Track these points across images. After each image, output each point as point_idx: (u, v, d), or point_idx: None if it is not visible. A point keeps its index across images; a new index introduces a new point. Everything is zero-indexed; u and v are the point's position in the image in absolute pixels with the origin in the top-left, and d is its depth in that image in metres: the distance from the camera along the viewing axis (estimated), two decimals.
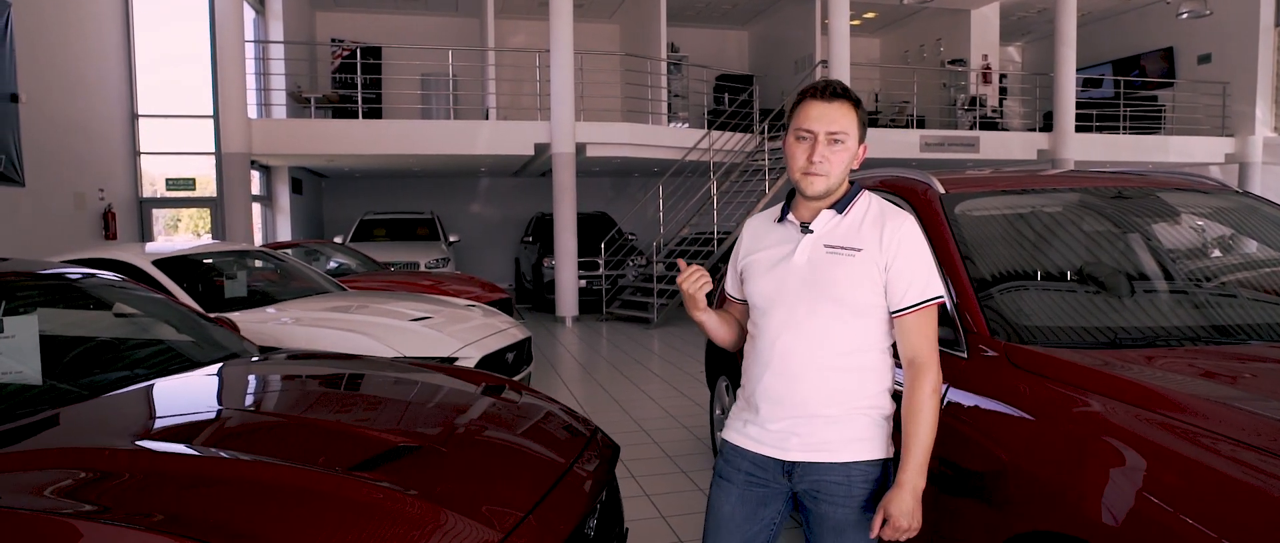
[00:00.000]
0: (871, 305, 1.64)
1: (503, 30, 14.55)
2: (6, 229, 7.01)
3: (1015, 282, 2.27)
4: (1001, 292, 2.17)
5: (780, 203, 1.77)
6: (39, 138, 7.52)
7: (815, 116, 1.62)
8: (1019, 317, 2.07)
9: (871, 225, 1.66)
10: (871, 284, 1.63)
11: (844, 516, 1.64)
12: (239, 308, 4.77)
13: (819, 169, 1.62)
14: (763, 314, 1.72)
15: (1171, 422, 1.49)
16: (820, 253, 1.66)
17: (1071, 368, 1.79)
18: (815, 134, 1.62)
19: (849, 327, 1.64)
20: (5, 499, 1.56)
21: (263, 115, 11.24)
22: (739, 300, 1.85)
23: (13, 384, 2.37)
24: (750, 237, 1.82)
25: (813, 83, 1.67)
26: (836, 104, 1.62)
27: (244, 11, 9.92)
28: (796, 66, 14.68)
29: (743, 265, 1.80)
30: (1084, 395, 1.68)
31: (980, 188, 2.62)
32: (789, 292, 1.67)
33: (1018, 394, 1.82)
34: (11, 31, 7.20)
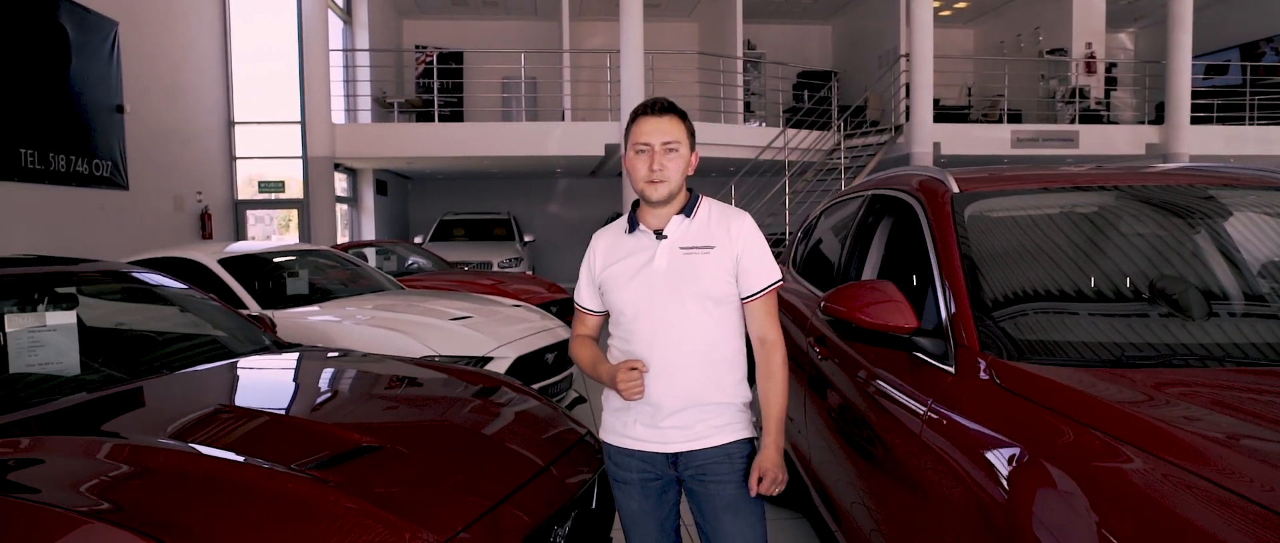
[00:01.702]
0: (729, 295, 1.84)
1: (581, 32, 14.70)
2: (112, 230, 7.58)
3: (1029, 291, 2.06)
4: (1009, 301, 1.98)
5: (624, 217, 1.91)
6: (142, 145, 8.10)
7: (649, 131, 1.79)
8: (1022, 330, 1.87)
9: (717, 224, 1.86)
10: (727, 276, 1.82)
11: (734, 492, 1.82)
12: (296, 305, 4.97)
13: (660, 176, 1.78)
14: (633, 320, 1.83)
15: (1160, 465, 1.28)
16: (678, 255, 1.82)
17: (1061, 392, 1.59)
18: (652, 146, 1.79)
19: (712, 317, 1.82)
20: None
21: (350, 120, 11.75)
22: (595, 312, 1.98)
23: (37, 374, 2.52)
24: (603, 251, 1.92)
25: (643, 103, 1.84)
26: (666, 118, 1.80)
27: (329, 22, 10.40)
28: (880, 61, 14.15)
29: (601, 279, 1.90)
30: (1072, 425, 1.48)
31: (1001, 186, 2.40)
32: (656, 294, 1.81)
33: (1003, 418, 1.64)
34: (118, 47, 7.79)
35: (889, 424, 2.04)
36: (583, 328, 2.01)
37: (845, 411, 2.44)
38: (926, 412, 1.85)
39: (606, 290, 1.89)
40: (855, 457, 2.31)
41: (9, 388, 2.40)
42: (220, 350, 3.06)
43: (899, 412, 2.00)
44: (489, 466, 2.08)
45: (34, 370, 2.57)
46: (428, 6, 14.82)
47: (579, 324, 2.01)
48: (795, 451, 3.14)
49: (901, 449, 1.92)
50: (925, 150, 11.37)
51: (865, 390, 2.27)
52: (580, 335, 2.00)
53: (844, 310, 2.07)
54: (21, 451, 1.95)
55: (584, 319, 2.00)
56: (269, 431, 2.11)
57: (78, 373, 2.61)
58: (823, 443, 2.68)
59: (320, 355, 3.01)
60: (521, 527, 1.89)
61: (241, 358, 2.89)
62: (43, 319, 2.69)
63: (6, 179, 6.33)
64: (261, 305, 4.83)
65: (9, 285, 2.84)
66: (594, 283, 1.93)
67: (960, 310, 1.93)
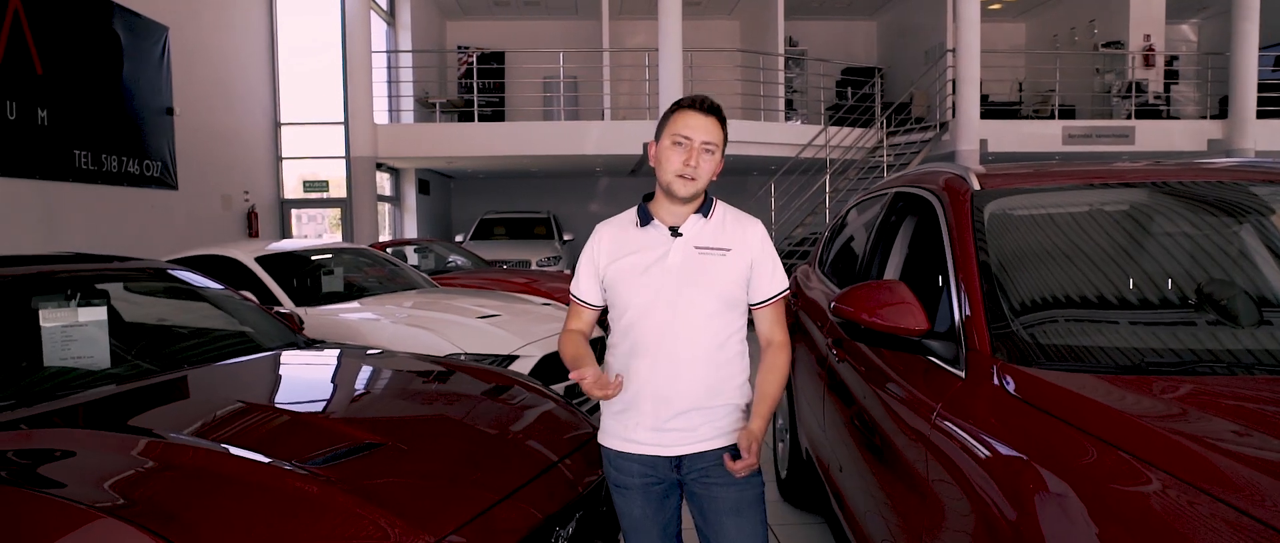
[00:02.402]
0: (738, 299, 1.82)
1: (622, 31, 14.70)
2: (162, 228, 7.83)
3: (1052, 294, 1.96)
4: (1029, 305, 1.89)
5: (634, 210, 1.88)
6: (191, 145, 8.35)
7: (692, 125, 1.76)
8: (1042, 335, 1.78)
9: (732, 228, 1.84)
10: (741, 280, 1.81)
11: (738, 494, 1.80)
12: (330, 302, 5.05)
13: (692, 173, 1.75)
14: (641, 316, 1.79)
15: (1186, 491, 1.17)
16: (692, 254, 1.80)
17: (1075, 402, 1.50)
18: (692, 141, 1.75)
19: (721, 319, 1.80)
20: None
21: (393, 121, 11.95)
22: (594, 306, 1.92)
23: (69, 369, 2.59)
24: (610, 243, 1.86)
25: (689, 97, 1.80)
26: (711, 118, 1.78)
27: (372, 25, 10.58)
28: (927, 56, 13.83)
29: (607, 272, 1.85)
30: (1087, 439, 1.38)
31: (1025, 183, 2.30)
32: (668, 292, 1.77)
33: (1011, 427, 1.55)
34: (169, 52, 8.05)
35: (898, 429, 1.97)
36: (576, 322, 1.94)
37: (860, 414, 2.36)
38: (934, 418, 1.77)
39: (613, 285, 1.84)
40: (868, 462, 2.24)
41: (35, 381, 2.46)
42: (245, 346, 3.12)
43: (908, 416, 1.92)
44: (491, 464, 2.07)
45: (67, 364, 2.65)
46: (470, 8, 14.98)
47: (573, 318, 1.95)
48: (815, 454, 3.07)
49: (910, 456, 1.84)
50: (971, 147, 11.07)
51: (877, 394, 2.19)
52: (572, 329, 1.93)
53: (852, 311, 2.00)
54: (29, 442, 2.00)
55: (579, 313, 1.94)
56: (275, 426, 2.14)
57: (108, 367, 2.68)
58: (839, 446, 2.61)
59: (338, 353, 3.04)
60: (519, 526, 1.87)
61: (263, 354, 2.94)
62: (76, 315, 2.77)
63: (62, 179, 6.59)
64: (296, 302, 4.93)
65: (47, 282, 2.94)
66: (597, 275, 1.88)
67: (974, 313, 1.85)
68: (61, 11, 6.62)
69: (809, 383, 3.17)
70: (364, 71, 9.93)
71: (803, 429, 3.38)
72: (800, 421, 3.43)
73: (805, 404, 3.28)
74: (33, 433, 2.04)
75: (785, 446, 3.84)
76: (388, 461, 1.95)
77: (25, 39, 6.24)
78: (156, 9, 7.85)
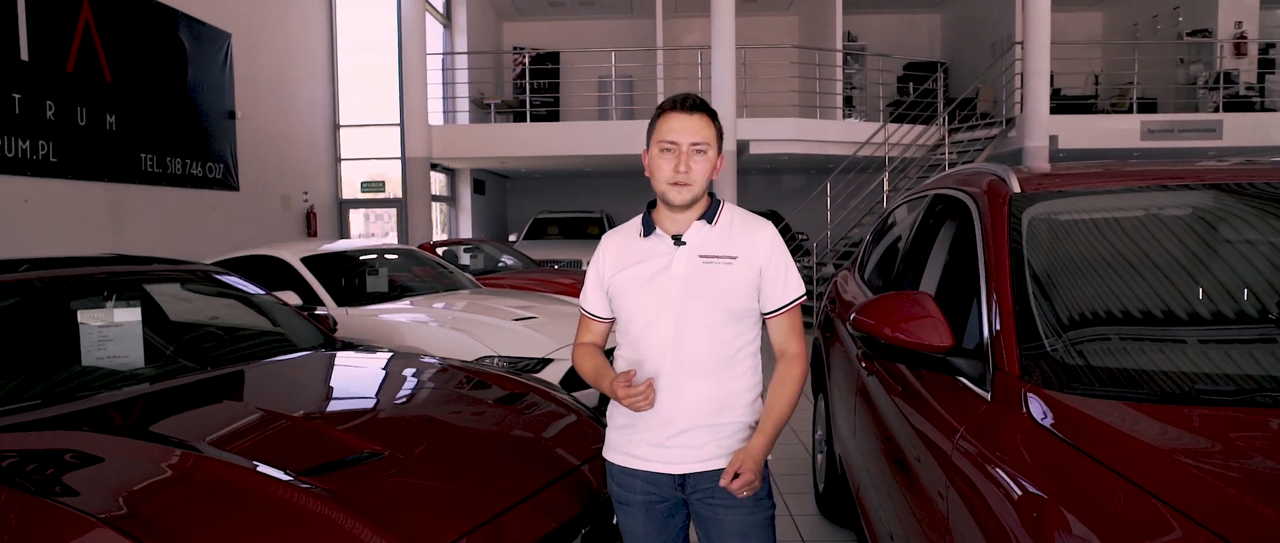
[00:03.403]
0: (748, 309, 1.72)
1: (677, 29, 14.59)
2: (223, 228, 8.09)
3: (1097, 309, 1.78)
4: (1069, 321, 1.72)
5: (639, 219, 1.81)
6: (252, 148, 8.62)
7: (677, 128, 1.67)
8: (1080, 355, 1.61)
9: (739, 234, 1.73)
10: (749, 289, 1.71)
11: (745, 517, 1.71)
12: (371, 302, 5.10)
13: (685, 178, 1.66)
14: (643, 330, 1.72)
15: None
16: (697, 263, 1.70)
17: (1107, 435, 1.34)
18: (679, 145, 1.67)
19: (729, 331, 1.71)
20: None
21: (449, 122, 12.11)
22: (603, 318, 1.86)
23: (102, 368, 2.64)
24: (614, 254, 1.80)
25: (672, 97, 1.72)
26: (696, 116, 1.68)
27: (428, 28, 10.74)
28: (993, 49, 13.28)
29: (611, 284, 1.78)
30: (1114, 480, 1.22)
31: (1071, 185, 2.11)
32: (671, 304, 1.69)
33: (1034, 459, 1.40)
34: (231, 57, 8.32)
35: (920, 450, 1.83)
36: (587, 335, 1.88)
37: (885, 430, 2.22)
38: (957, 441, 1.63)
39: (617, 297, 1.77)
40: (890, 482, 2.09)
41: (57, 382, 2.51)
42: (274, 348, 3.14)
43: (931, 437, 1.78)
44: (491, 477, 2.00)
45: (102, 364, 2.70)
46: (526, 9, 15.09)
47: (584, 331, 1.89)
48: (848, 470, 2.92)
49: (929, 480, 1.70)
50: (1040, 144, 10.57)
51: (902, 410, 2.05)
52: (584, 343, 1.88)
53: (873, 324, 1.86)
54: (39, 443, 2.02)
55: (589, 326, 1.88)
56: (279, 433, 2.12)
57: (138, 367, 2.73)
58: (865, 462, 2.47)
59: (360, 356, 3.03)
60: (531, 536, 1.82)
61: (288, 356, 2.96)
62: (112, 316, 2.82)
63: (129, 182, 6.87)
64: (339, 302, 4.99)
65: (88, 284, 3.02)
66: (603, 288, 1.82)
67: (1004, 329, 1.69)
68: (129, 21, 6.89)
69: (842, 395, 3.02)
70: (419, 74, 10.09)
71: (837, 442, 3.23)
72: (836, 433, 3.28)
73: (840, 416, 3.13)
74: (41, 434, 2.07)
75: (823, 458, 3.69)
76: (385, 471, 1.91)
77: (95, 48, 6.51)
78: (220, 16, 8.11)
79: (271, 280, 5.07)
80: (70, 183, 6.25)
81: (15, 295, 2.87)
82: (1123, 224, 2.01)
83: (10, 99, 5.71)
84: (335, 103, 10.71)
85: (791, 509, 3.73)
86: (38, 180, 5.95)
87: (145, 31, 7.09)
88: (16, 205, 5.79)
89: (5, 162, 5.68)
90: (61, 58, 6.17)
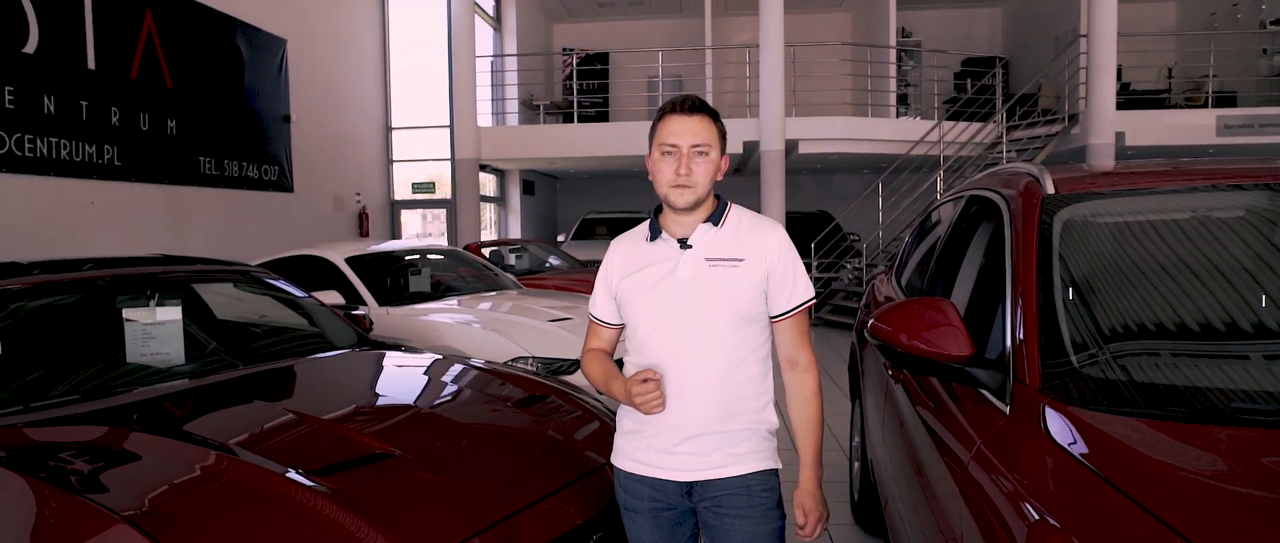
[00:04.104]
0: (757, 313, 1.69)
1: (727, 28, 14.48)
2: (278, 228, 8.34)
3: (1131, 319, 1.67)
4: (1098, 332, 1.61)
5: (646, 223, 1.78)
6: (306, 150, 8.86)
7: (677, 131, 1.65)
8: (1103, 369, 1.51)
9: (747, 235, 1.70)
10: (756, 292, 1.68)
11: (752, 527, 1.67)
12: (413, 302, 5.18)
13: (686, 181, 1.64)
14: (650, 335, 1.70)
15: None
16: (703, 267, 1.68)
17: (1124, 456, 1.24)
18: (680, 147, 1.64)
19: (738, 335, 1.67)
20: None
21: (498, 123, 12.26)
22: (611, 324, 1.83)
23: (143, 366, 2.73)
24: (622, 259, 1.78)
25: (672, 99, 1.70)
26: (696, 117, 1.66)
27: (476, 31, 10.88)
28: (1057, 43, 12.80)
29: (618, 289, 1.76)
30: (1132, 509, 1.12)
31: (1111, 186, 1.99)
32: (677, 308, 1.67)
33: (1048, 480, 1.31)
34: (287, 63, 8.57)
35: (938, 461, 1.75)
36: (596, 341, 1.87)
37: (909, 441, 2.13)
38: (972, 456, 1.54)
39: (624, 302, 1.75)
40: (914, 496, 2.01)
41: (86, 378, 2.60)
42: (309, 346, 3.21)
43: (950, 448, 1.70)
44: (501, 480, 2.00)
45: (145, 361, 2.79)
46: (576, 10, 15.17)
47: (592, 337, 1.88)
48: (877, 479, 2.82)
49: (946, 496, 1.62)
50: (1105, 141, 10.13)
51: (923, 418, 1.97)
52: (592, 349, 1.86)
53: (890, 331, 1.78)
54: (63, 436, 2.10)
55: (598, 332, 1.86)
56: (293, 431, 2.15)
57: (180, 364, 2.81)
58: (894, 474, 2.38)
59: (388, 356, 3.06)
60: None
61: (318, 356, 3.01)
62: (155, 315, 2.92)
63: (188, 184, 7.13)
64: (382, 301, 5.08)
65: (135, 283, 3.12)
66: (610, 293, 1.80)
67: (1027, 339, 1.60)
68: (190, 30, 7.16)
69: (874, 401, 2.93)
70: (468, 77, 10.22)
71: (870, 449, 3.13)
72: (868, 440, 3.18)
73: (872, 423, 3.03)
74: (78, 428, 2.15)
75: (859, 466, 3.59)
76: (392, 472, 1.92)
77: (157, 57, 6.78)
78: (276, 24, 8.36)
79: (318, 280, 5.20)
80: (133, 186, 6.52)
81: (77, 292, 2.99)
82: (1166, 228, 1.88)
83: (78, 106, 5.98)
84: (388, 105, 10.94)
85: None
86: (103, 183, 6.22)
87: (204, 40, 7.36)
88: (83, 207, 6.06)
89: (73, 166, 5.95)
90: (125, 66, 6.44)
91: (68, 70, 5.89)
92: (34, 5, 5.62)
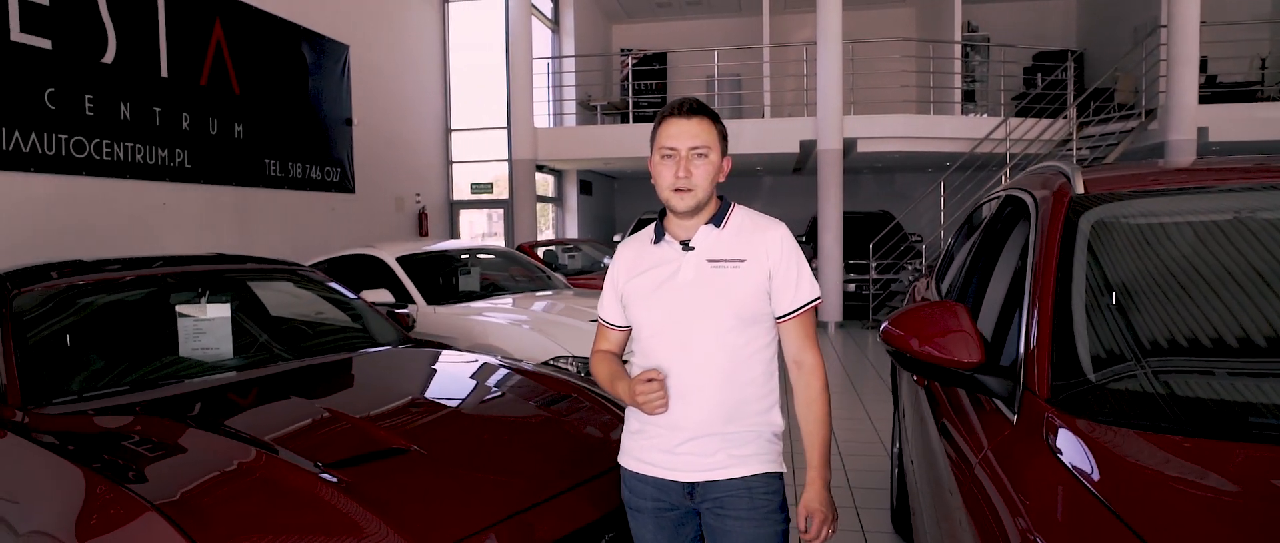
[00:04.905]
0: (760, 313, 1.68)
1: (787, 25, 14.29)
2: (340, 228, 8.62)
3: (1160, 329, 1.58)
4: (1121, 340, 1.53)
5: (652, 226, 1.78)
6: (367, 152, 9.13)
7: (676, 134, 1.66)
8: (1120, 379, 1.43)
9: (749, 236, 1.70)
10: (758, 292, 1.67)
11: (753, 530, 1.66)
12: (461, 301, 5.29)
13: (686, 184, 1.65)
14: (653, 337, 1.71)
15: None
16: (705, 268, 1.68)
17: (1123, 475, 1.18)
18: (679, 151, 1.65)
19: (740, 337, 1.67)
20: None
21: (556, 124, 12.39)
22: (618, 326, 1.85)
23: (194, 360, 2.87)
24: (627, 262, 1.80)
25: (671, 102, 1.70)
26: (695, 120, 1.67)
27: (534, 33, 11.03)
28: (1135, 34, 12.19)
29: (623, 291, 1.78)
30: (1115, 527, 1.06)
31: (1145, 186, 1.89)
32: (678, 310, 1.68)
33: (1046, 500, 1.24)
34: (349, 68, 8.85)
35: (949, 468, 1.70)
36: (604, 342, 1.90)
37: (929, 447, 2.07)
38: (976, 465, 1.49)
39: (629, 304, 1.78)
40: (931, 504, 1.95)
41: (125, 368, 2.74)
42: (348, 343, 3.31)
43: (957, 458, 1.65)
44: (513, 477, 2.02)
45: (196, 355, 2.93)
46: (634, 10, 15.21)
47: (601, 338, 1.90)
48: (909, 487, 2.74)
49: (953, 504, 1.57)
50: (1186, 137, 9.60)
51: (940, 426, 1.91)
52: (600, 350, 1.89)
53: (901, 335, 1.73)
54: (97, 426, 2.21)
55: (606, 334, 1.89)
56: (318, 424, 2.22)
57: (228, 359, 2.94)
58: (918, 481, 2.31)
59: (422, 355, 3.14)
60: None
61: (356, 352, 3.10)
62: (206, 311, 3.06)
63: (254, 186, 7.44)
64: (430, 300, 5.20)
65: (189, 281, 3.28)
66: (618, 295, 1.82)
67: (1039, 345, 1.53)
68: (256, 39, 7.47)
69: (907, 407, 2.85)
70: (524, 78, 10.37)
71: (905, 455, 3.05)
72: (903, 445, 3.10)
73: (908, 427, 2.95)
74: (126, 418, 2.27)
75: (897, 471, 3.50)
76: (405, 467, 1.96)
77: (226, 64, 7.10)
78: (339, 31, 8.65)
79: (370, 278, 5.36)
80: (202, 187, 6.85)
81: (134, 289, 3.16)
82: (1204, 231, 1.77)
83: (151, 112, 6.31)
84: (448, 108, 11.19)
85: (865, 526, 3.56)
86: (174, 185, 6.55)
87: (270, 48, 7.67)
88: (156, 208, 6.39)
89: (147, 168, 6.29)
90: (196, 74, 6.76)
91: (142, 79, 6.23)
92: (113, 19, 5.96)
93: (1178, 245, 1.75)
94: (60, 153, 5.59)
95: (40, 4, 5.45)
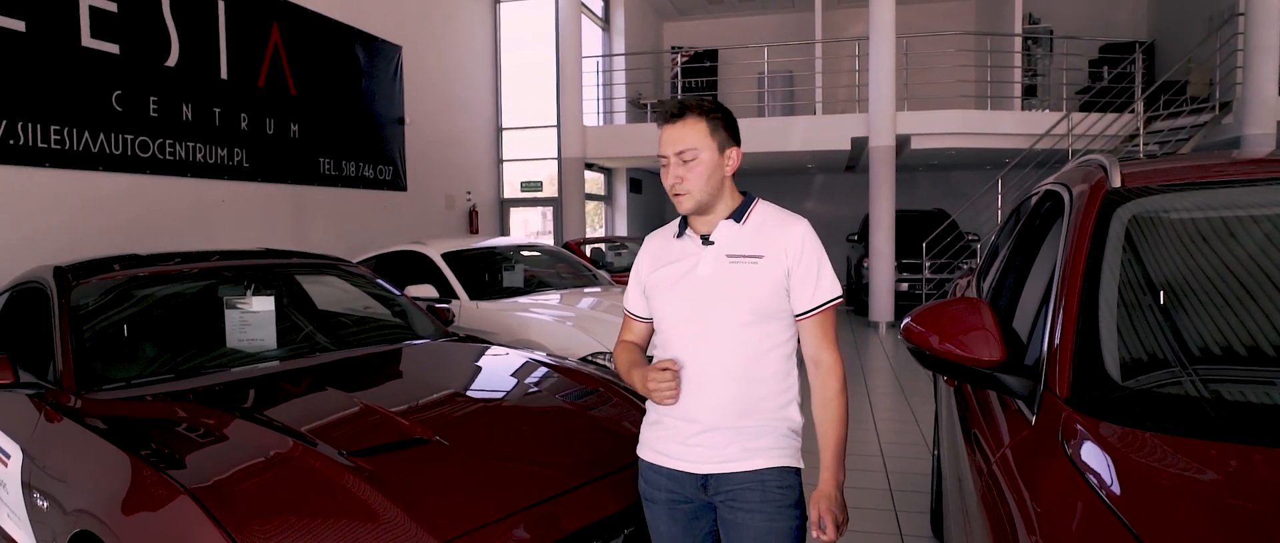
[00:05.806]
0: (778, 309, 1.68)
1: (840, 20, 14.06)
2: (391, 225, 8.82)
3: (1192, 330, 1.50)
4: (1152, 341, 1.46)
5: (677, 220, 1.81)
6: (419, 151, 9.32)
7: (665, 141, 1.69)
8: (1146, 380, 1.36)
9: (769, 232, 1.70)
10: (777, 288, 1.67)
11: (765, 523, 1.66)
12: (505, 297, 5.35)
13: (680, 188, 1.67)
14: (673, 328, 1.73)
15: None
16: (723, 263, 1.69)
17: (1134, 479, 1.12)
18: (668, 157, 1.68)
19: (757, 332, 1.67)
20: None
21: (607, 123, 12.44)
22: (643, 318, 1.87)
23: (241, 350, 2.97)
24: (651, 255, 1.82)
25: (661, 106, 1.73)
26: (679, 123, 1.68)
27: (584, 31, 11.09)
28: (1211, 23, 11.60)
29: (647, 283, 1.81)
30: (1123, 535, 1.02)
31: (1185, 178, 1.80)
32: (696, 303, 1.69)
33: (1055, 505, 1.19)
34: (402, 69, 9.05)
35: (969, 465, 1.67)
36: (628, 333, 1.93)
37: (954, 446, 2.01)
38: (994, 465, 1.44)
39: (651, 297, 1.80)
40: (956, 504, 1.89)
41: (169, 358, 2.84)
42: (389, 335, 3.40)
43: (977, 457, 1.60)
44: (536, 468, 2.05)
45: (242, 346, 3.04)
46: (686, 8, 15.16)
47: (626, 329, 1.94)
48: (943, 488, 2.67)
49: (971, 505, 1.53)
50: (1264, 131, 9.09)
51: (964, 424, 1.87)
52: (624, 341, 1.93)
53: (922, 332, 1.68)
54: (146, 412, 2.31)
55: (631, 325, 1.93)
56: (349, 413, 2.28)
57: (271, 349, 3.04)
58: (947, 479, 2.25)
59: (457, 348, 3.19)
60: (538, 539, 1.83)
61: (395, 345, 3.18)
62: (252, 303, 3.17)
63: (309, 183, 7.68)
64: (472, 296, 5.28)
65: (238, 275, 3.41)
66: (641, 288, 1.85)
67: (1062, 343, 1.47)
68: (312, 41, 7.70)
69: (943, 406, 2.78)
70: (574, 77, 10.45)
71: (941, 456, 2.97)
72: (940, 447, 3.02)
73: (943, 428, 2.88)
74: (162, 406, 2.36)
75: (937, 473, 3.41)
76: (426, 457, 2.00)
77: (282, 66, 7.34)
78: (392, 31, 8.85)
79: (416, 273, 5.47)
80: (259, 185, 7.09)
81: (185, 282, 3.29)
82: (1245, 226, 1.68)
83: (211, 113, 6.56)
84: (498, 107, 11.35)
85: (903, 529, 3.48)
86: (232, 183, 6.80)
87: (325, 49, 7.89)
88: (215, 205, 6.65)
89: (207, 167, 6.54)
90: (254, 75, 7.00)
91: (203, 81, 6.48)
92: (176, 24, 6.22)
93: (1219, 242, 1.66)
94: (126, 152, 5.86)
95: (109, 10, 5.72)
